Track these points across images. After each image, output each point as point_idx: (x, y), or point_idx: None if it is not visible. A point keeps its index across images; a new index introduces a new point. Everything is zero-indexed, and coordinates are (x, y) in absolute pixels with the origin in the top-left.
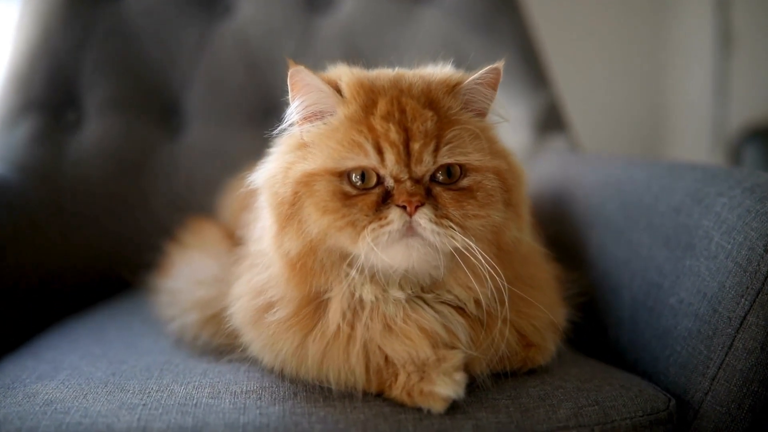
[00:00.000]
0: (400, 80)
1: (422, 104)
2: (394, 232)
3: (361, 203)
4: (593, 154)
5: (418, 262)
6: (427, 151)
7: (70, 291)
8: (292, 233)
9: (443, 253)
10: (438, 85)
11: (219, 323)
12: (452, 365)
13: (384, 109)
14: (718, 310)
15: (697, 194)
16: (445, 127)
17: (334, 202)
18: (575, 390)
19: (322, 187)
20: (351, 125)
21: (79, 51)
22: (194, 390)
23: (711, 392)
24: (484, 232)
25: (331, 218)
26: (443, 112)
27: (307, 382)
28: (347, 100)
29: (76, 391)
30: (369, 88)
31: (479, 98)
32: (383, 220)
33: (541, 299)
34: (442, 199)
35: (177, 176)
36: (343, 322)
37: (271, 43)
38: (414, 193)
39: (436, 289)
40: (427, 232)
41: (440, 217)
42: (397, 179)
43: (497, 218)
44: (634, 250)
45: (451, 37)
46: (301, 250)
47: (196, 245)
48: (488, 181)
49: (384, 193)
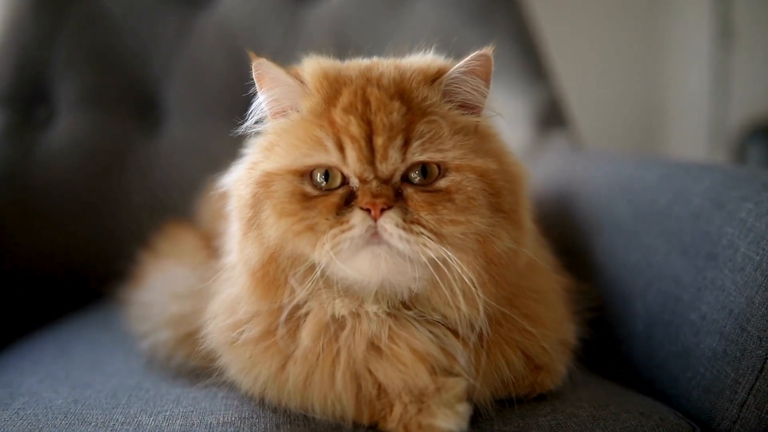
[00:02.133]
0: (370, 70)
1: (389, 95)
2: (356, 238)
3: (321, 206)
4: (598, 151)
5: (390, 274)
6: (392, 147)
7: (36, 302)
8: (252, 239)
9: (418, 264)
10: (413, 75)
11: (194, 343)
12: (454, 395)
13: (346, 101)
14: (746, 328)
15: (717, 198)
16: (417, 120)
17: (292, 204)
18: (590, 419)
19: (281, 187)
20: (312, 119)
21: (50, 42)
22: (164, 422)
23: (740, 420)
24: (465, 241)
25: (288, 222)
26: (416, 104)
27: (291, 412)
28: (310, 92)
29: (32, 424)
30: (333, 79)
31: (465, 89)
32: (345, 224)
33: (549, 315)
34: (413, 202)
35: (154, 175)
36: (322, 341)
37: (256, 35)
38: (379, 195)
39: (419, 306)
40: (394, 238)
41: (410, 222)
42: (362, 179)
43: (480, 225)
44: (648, 257)
45: (445, 28)
46: (261, 258)
47: (172, 254)
48: (469, 183)
49: (348, 194)
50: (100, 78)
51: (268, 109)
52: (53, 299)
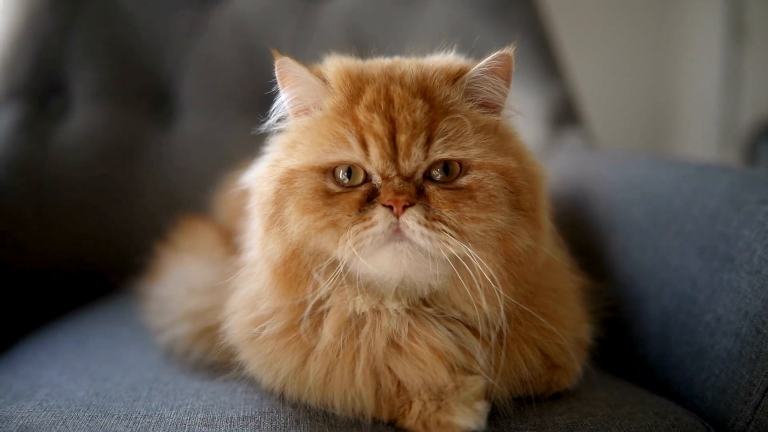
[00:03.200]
0: (393, 69)
1: (412, 93)
2: (378, 235)
3: (343, 202)
4: (612, 150)
5: (411, 271)
6: (415, 145)
7: (51, 293)
8: (275, 235)
9: (440, 260)
10: (436, 74)
11: (213, 338)
12: (473, 393)
13: (369, 99)
14: (761, 330)
15: (735, 200)
16: (439, 118)
17: (315, 200)
18: (606, 418)
19: (303, 183)
20: (335, 117)
21: (65, 36)
22: (186, 415)
23: (754, 422)
24: (486, 238)
25: (311, 218)
26: (438, 102)
27: (311, 407)
28: (333, 90)
29: (56, 416)
30: (357, 77)
31: (486, 89)
32: (367, 221)
33: (566, 315)
34: (435, 199)
35: (168, 169)
36: (343, 337)
37: (270, 30)
38: (401, 192)
39: (438, 303)
40: (416, 235)
41: (432, 219)
42: (385, 176)
43: (501, 223)
44: (663, 258)
45: (459, 24)
46: (284, 254)
47: (189, 248)
48: (490, 181)
49: (371, 191)
50: (115, 71)
51: (290, 107)
52: (68, 291)
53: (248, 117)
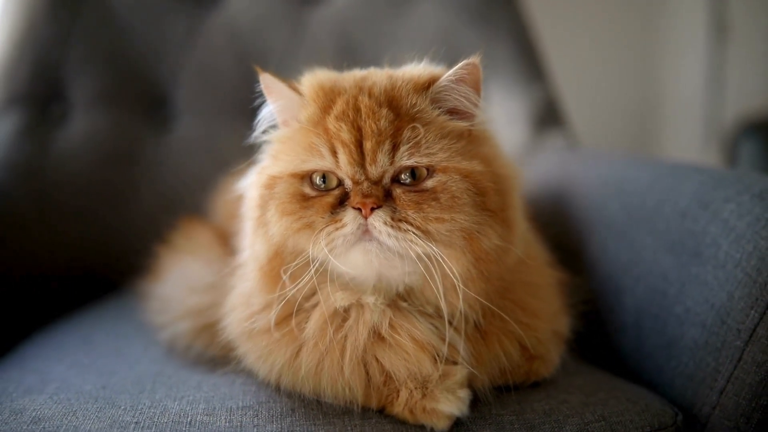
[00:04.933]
0: (364, 80)
1: (379, 103)
2: (348, 235)
3: (317, 205)
4: (593, 150)
5: (384, 269)
6: (381, 151)
7: (55, 293)
8: (260, 237)
9: (408, 259)
10: (403, 84)
11: (213, 334)
12: (456, 381)
13: (339, 110)
14: (726, 321)
15: (703, 199)
16: (404, 126)
17: (293, 204)
18: (581, 404)
19: (283, 189)
20: (310, 128)
21: (65, 43)
22: (188, 406)
23: (719, 406)
24: (451, 237)
25: (289, 220)
26: (404, 111)
27: (305, 397)
28: (308, 102)
29: (65, 408)
30: (329, 90)
31: (454, 96)
32: (338, 222)
33: (543, 308)
34: (401, 202)
35: (166, 172)
36: (329, 331)
37: (263, 36)
38: (369, 195)
39: (414, 299)
40: (383, 235)
41: (397, 221)
42: (355, 180)
43: (464, 223)
44: (638, 254)
45: (446, 29)
46: (268, 253)
47: (188, 249)
48: (454, 183)
49: (343, 194)
50: (113, 78)
51: (277, 118)
52: (71, 292)
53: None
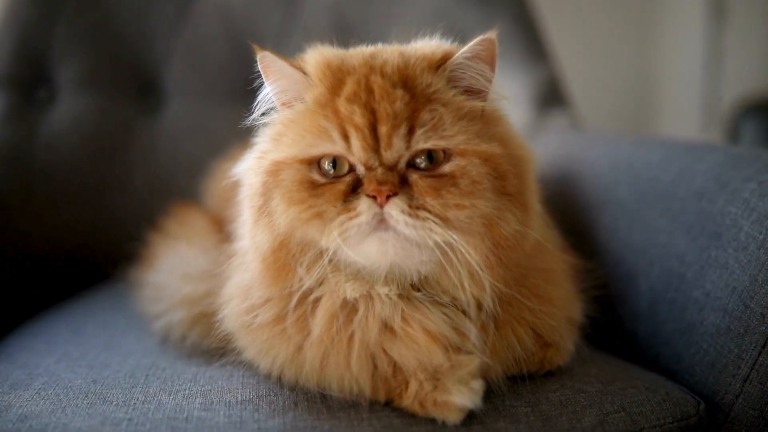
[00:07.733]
0: (374, 58)
1: (393, 83)
2: (363, 225)
3: (328, 193)
4: (599, 131)
5: (398, 258)
6: (397, 135)
7: (44, 283)
8: (263, 226)
9: (426, 248)
10: (417, 62)
11: (209, 323)
12: (468, 372)
13: (350, 90)
14: (749, 305)
15: (720, 178)
16: (421, 108)
17: (301, 192)
18: (598, 394)
19: (289, 176)
20: (317, 109)
21: (50, 23)
22: (184, 400)
23: (743, 394)
24: (471, 224)
25: (297, 209)
26: (420, 91)
27: (309, 390)
28: (314, 82)
29: (54, 404)
30: (337, 69)
31: (470, 75)
32: (352, 212)
33: (558, 294)
34: (419, 188)
35: (156, 156)
36: (336, 325)
37: (256, 16)
38: (384, 182)
39: (428, 289)
40: (401, 224)
41: (415, 208)
42: (368, 166)
43: (485, 209)
44: (651, 236)
45: (444, 8)
46: (272, 245)
47: (182, 235)
48: (474, 167)
49: (355, 181)
50: (101, 59)
51: (276, 100)
52: (60, 280)
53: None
